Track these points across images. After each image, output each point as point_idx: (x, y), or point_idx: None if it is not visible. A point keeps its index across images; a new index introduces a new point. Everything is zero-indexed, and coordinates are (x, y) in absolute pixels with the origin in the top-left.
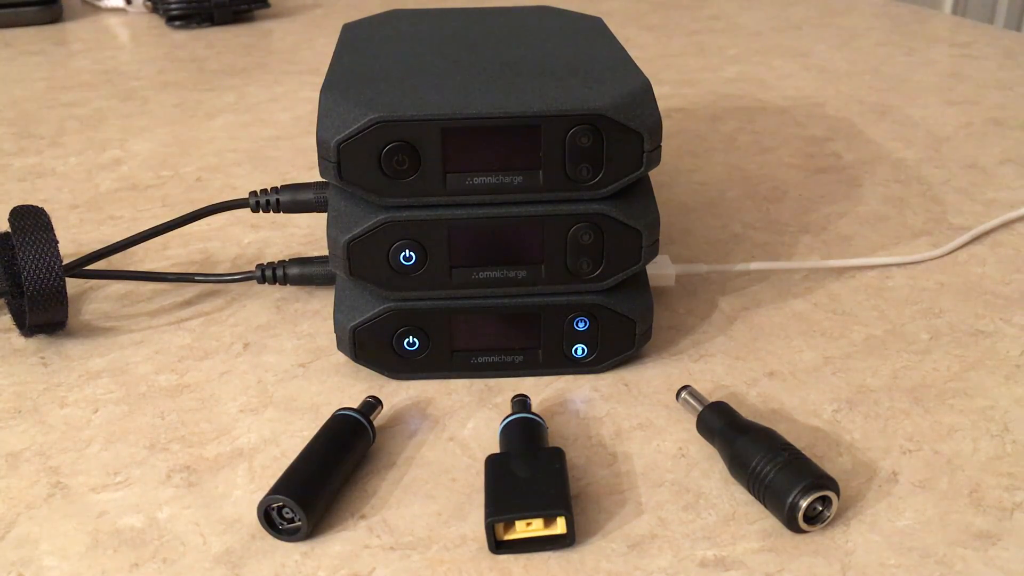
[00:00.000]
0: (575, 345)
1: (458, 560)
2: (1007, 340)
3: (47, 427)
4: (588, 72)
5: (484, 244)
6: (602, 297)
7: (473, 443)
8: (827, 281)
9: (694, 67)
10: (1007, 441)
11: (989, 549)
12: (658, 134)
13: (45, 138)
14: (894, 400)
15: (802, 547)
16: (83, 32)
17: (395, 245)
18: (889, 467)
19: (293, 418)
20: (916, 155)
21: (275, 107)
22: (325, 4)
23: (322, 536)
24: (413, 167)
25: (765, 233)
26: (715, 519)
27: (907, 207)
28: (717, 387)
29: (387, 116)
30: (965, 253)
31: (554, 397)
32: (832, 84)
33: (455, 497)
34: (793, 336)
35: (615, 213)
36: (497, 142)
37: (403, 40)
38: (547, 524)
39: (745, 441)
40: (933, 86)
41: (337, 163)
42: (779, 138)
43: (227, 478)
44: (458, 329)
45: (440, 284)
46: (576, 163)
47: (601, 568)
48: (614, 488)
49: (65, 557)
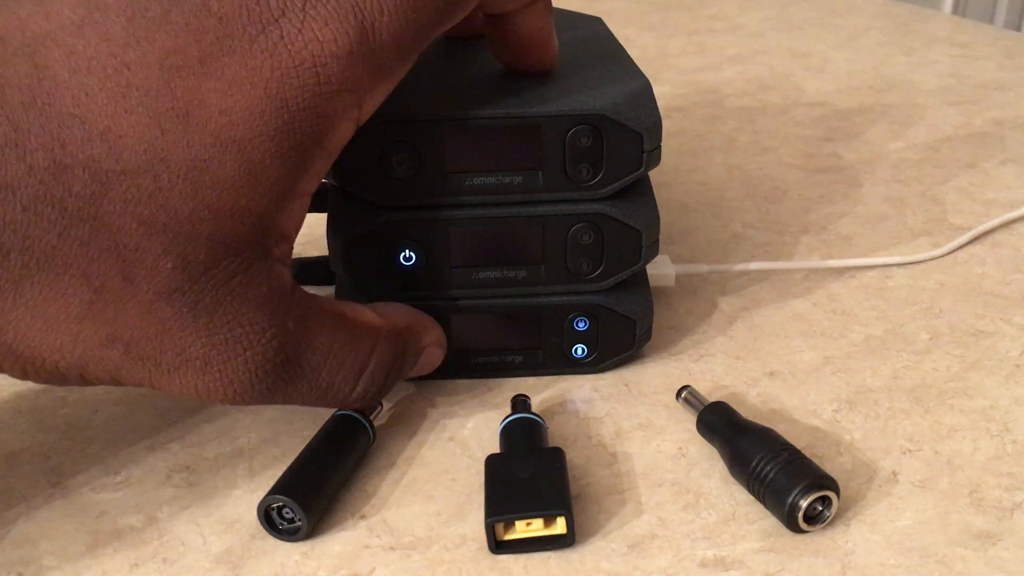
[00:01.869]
0: (575, 345)
1: (458, 560)
2: (1007, 340)
3: (47, 427)
4: (588, 72)
5: (484, 244)
6: (602, 297)
7: (473, 443)
8: (827, 281)
9: (694, 67)
10: (1007, 441)
11: (989, 549)
12: (658, 134)
13: None
14: (894, 400)
15: (802, 547)
16: None
17: (395, 245)
18: (889, 467)
19: (293, 418)
20: (916, 155)
21: None
22: None
23: (322, 536)
24: (413, 167)
25: (765, 233)
26: (715, 519)
27: (907, 207)
28: (717, 387)
29: (387, 116)
30: (965, 253)
31: (554, 397)
32: (832, 84)
33: (455, 497)
34: (793, 336)
35: (615, 213)
36: (497, 142)
37: None
38: (547, 524)
39: (745, 441)
40: (933, 86)
41: (337, 163)
42: (779, 138)
43: (227, 478)
44: (458, 329)
45: (440, 284)
46: (576, 163)
47: (601, 568)
48: (614, 488)
49: (65, 557)
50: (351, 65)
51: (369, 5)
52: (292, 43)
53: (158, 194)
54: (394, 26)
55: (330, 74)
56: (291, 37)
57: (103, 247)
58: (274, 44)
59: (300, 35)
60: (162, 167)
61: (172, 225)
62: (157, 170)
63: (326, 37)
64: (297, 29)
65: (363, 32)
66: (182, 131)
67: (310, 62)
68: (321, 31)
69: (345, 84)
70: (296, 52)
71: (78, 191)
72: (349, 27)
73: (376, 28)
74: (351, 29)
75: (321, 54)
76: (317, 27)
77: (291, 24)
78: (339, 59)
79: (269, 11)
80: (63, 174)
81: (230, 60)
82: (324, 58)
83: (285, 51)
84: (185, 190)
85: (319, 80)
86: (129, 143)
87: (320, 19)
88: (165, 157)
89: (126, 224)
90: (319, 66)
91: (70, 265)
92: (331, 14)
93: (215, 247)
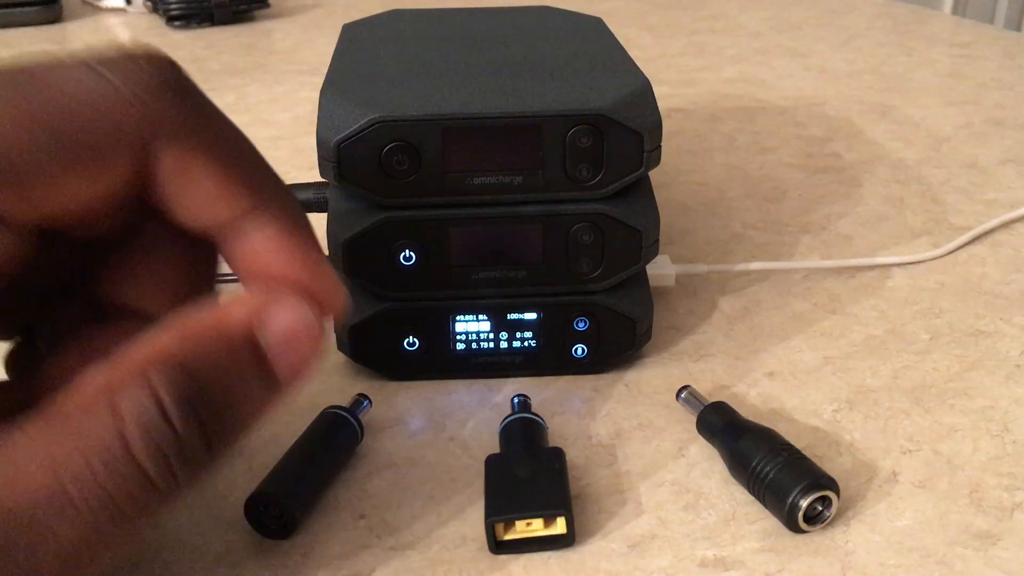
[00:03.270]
0: (575, 345)
1: (458, 560)
2: (1007, 340)
3: None
4: (588, 72)
5: (484, 244)
6: (602, 297)
7: (473, 443)
8: (827, 281)
9: (694, 67)
10: (1007, 441)
11: (989, 549)
12: (658, 134)
13: None
14: (894, 400)
15: (802, 547)
16: (83, 32)
17: (395, 245)
18: (889, 467)
19: (293, 418)
20: (916, 155)
21: (275, 107)
22: (325, 4)
23: (322, 536)
24: (413, 167)
25: (765, 233)
26: (715, 519)
27: (907, 207)
28: (717, 387)
29: (387, 116)
30: (965, 253)
31: (554, 397)
32: (832, 84)
33: (455, 497)
34: (793, 336)
35: (615, 213)
36: (497, 142)
37: (403, 40)
38: (547, 524)
39: (745, 441)
40: (933, 86)
41: (337, 163)
42: (779, 138)
43: (227, 478)
44: (458, 328)
45: (440, 284)
46: (576, 163)
47: (601, 568)
48: (614, 488)
49: None
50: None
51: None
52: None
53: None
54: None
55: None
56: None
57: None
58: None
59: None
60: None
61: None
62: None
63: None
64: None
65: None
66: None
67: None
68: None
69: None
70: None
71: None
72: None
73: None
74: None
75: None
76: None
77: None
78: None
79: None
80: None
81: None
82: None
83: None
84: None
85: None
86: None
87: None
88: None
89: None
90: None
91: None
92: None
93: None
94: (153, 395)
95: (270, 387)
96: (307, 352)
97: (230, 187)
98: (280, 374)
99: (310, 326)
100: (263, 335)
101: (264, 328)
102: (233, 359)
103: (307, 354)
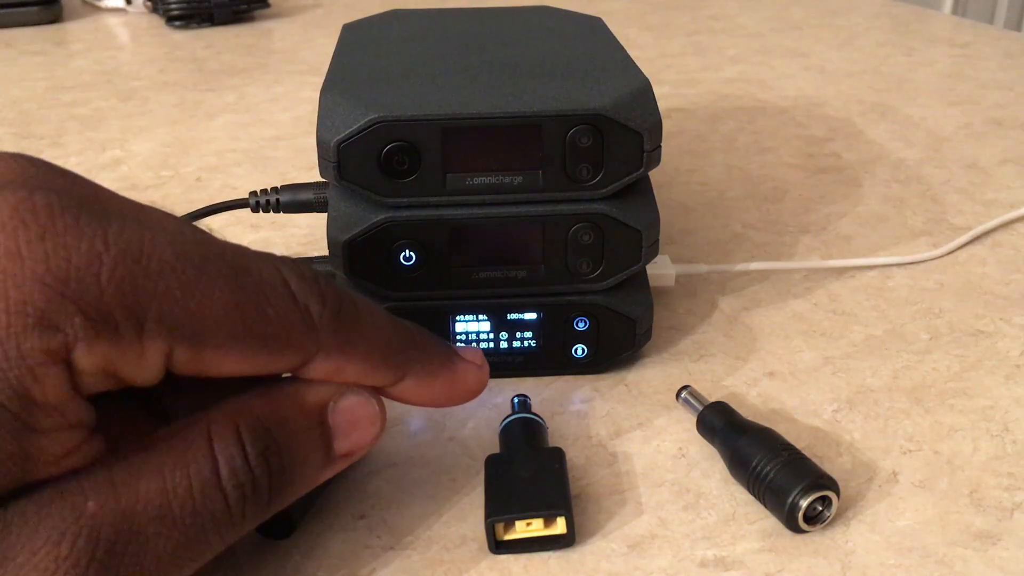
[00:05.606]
0: (575, 345)
1: (458, 560)
2: (1007, 340)
3: None
4: (588, 72)
5: (484, 244)
6: (602, 297)
7: (473, 443)
8: (827, 281)
9: (694, 67)
10: (1007, 441)
11: (989, 549)
12: (658, 134)
13: (45, 138)
14: (894, 400)
15: (802, 547)
16: (83, 32)
17: (395, 245)
18: (889, 467)
19: None
20: (916, 155)
21: (275, 107)
22: (325, 4)
23: (322, 536)
24: (413, 167)
25: (765, 233)
26: (715, 519)
27: (907, 207)
28: (717, 387)
29: (387, 116)
30: (965, 253)
31: (554, 397)
32: (832, 84)
33: (455, 497)
34: (793, 336)
35: (615, 213)
36: (497, 142)
37: (403, 40)
38: (547, 524)
39: (745, 441)
40: (933, 86)
41: (337, 163)
42: (779, 138)
43: None
44: (459, 328)
45: (440, 284)
46: (576, 163)
47: (601, 568)
48: (614, 488)
49: None
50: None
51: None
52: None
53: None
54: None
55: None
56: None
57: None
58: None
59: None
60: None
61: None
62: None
63: None
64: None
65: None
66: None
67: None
68: None
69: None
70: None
71: None
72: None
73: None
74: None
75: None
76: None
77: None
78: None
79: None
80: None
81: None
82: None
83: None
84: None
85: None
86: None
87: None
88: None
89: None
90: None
91: None
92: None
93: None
94: (239, 440)
95: (327, 458)
96: (363, 439)
97: (372, 374)
98: (337, 450)
99: (373, 419)
100: (332, 415)
101: (334, 410)
102: (304, 427)
103: (363, 441)
